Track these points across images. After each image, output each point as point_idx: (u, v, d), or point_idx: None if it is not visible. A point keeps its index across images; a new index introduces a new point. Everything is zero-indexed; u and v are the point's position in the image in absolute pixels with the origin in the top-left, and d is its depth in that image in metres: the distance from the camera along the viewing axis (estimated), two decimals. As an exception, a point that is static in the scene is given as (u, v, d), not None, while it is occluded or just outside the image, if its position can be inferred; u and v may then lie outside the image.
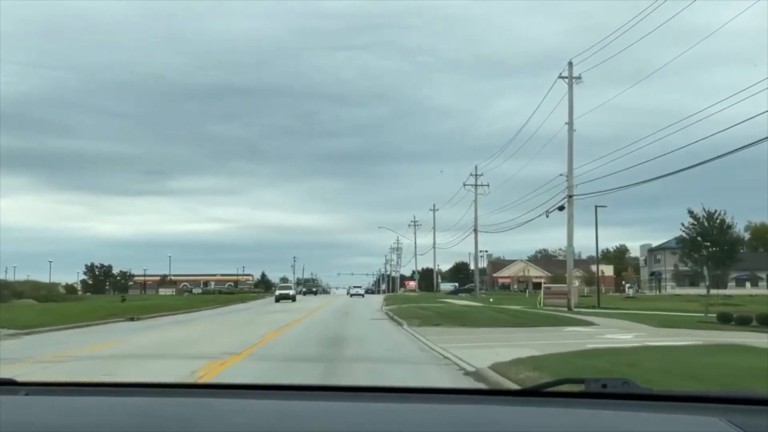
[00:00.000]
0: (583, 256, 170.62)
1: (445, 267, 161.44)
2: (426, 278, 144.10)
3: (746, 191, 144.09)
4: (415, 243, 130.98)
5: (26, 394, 2.24)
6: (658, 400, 2.10)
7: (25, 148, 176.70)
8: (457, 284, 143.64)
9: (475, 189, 78.35)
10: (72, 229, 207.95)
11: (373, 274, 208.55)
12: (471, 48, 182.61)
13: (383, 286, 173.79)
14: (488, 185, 77.99)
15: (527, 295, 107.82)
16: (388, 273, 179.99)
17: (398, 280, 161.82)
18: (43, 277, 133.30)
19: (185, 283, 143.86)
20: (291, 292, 75.01)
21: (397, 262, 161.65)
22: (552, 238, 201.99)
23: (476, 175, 78.38)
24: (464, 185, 79.03)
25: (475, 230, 78.14)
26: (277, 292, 75.92)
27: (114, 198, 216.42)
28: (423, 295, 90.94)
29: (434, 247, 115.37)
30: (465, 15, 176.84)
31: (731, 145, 29.13)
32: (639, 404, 2.05)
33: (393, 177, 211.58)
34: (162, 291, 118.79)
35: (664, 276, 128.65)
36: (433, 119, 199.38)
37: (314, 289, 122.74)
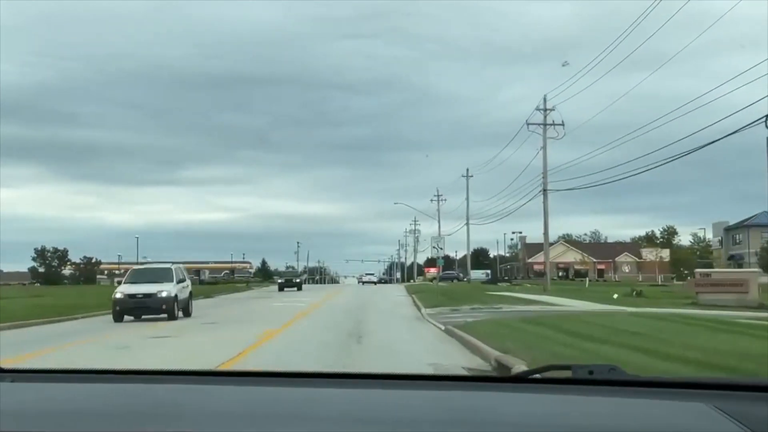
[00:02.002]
0: (610, 240, 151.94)
1: (458, 255, 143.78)
2: (445, 265, 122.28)
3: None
4: (439, 219, 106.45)
5: (12, 381, 2.20)
6: (645, 387, 2.06)
7: (35, 138, 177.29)
8: (489, 272, 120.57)
9: (544, 129, 53.13)
10: (81, 218, 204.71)
11: (385, 261, 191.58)
12: (479, 35, 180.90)
13: (397, 274, 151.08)
14: (563, 124, 52.90)
15: (587, 284, 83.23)
16: (402, 260, 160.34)
17: (415, 268, 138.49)
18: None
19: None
20: (164, 292, 26.43)
21: (414, 247, 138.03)
22: (569, 224, 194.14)
23: (545, 110, 53.24)
24: (527, 125, 53.91)
25: (545, 190, 52.92)
26: (117, 295, 26.78)
27: (123, 188, 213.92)
28: (461, 287, 65.23)
29: (467, 223, 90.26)
30: (473, 1, 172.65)
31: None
32: (626, 390, 2.01)
33: (402, 165, 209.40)
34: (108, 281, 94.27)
35: (747, 260, 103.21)
36: (442, 107, 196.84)
37: (297, 280, 68.72)
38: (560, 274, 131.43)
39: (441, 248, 38.48)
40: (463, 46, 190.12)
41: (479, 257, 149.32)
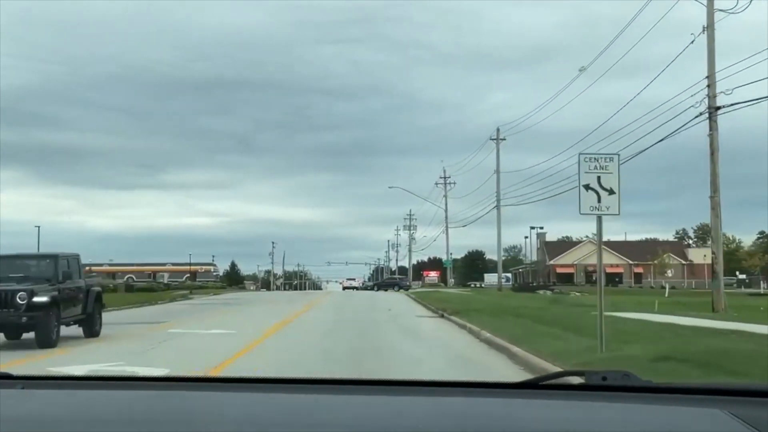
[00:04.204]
0: (629, 238, 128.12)
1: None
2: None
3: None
4: (446, 206, 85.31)
5: (23, 388, 2.20)
6: (659, 393, 2.06)
7: (14, 141, 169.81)
8: (509, 276, 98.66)
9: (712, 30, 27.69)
10: (62, 222, 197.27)
11: (370, 264, 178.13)
12: (463, 40, 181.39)
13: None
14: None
15: (667, 294, 57.99)
16: (392, 262, 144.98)
17: (410, 272, 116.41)
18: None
19: (131, 275, 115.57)
20: None
21: (410, 242, 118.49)
22: (563, 229, 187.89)
23: None
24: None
25: (712, 110, 27.27)
26: None
27: (102, 191, 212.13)
28: (518, 302, 39.70)
29: (498, 206, 65.14)
30: (456, 7, 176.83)
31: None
32: (640, 397, 2.01)
33: (386, 171, 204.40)
34: None
35: None
36: (426, 112, 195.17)
37: (42, 299, 16.92)
38: (595, 278, 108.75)
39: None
40: (446, 52, 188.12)
41: (475, 261, 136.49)
